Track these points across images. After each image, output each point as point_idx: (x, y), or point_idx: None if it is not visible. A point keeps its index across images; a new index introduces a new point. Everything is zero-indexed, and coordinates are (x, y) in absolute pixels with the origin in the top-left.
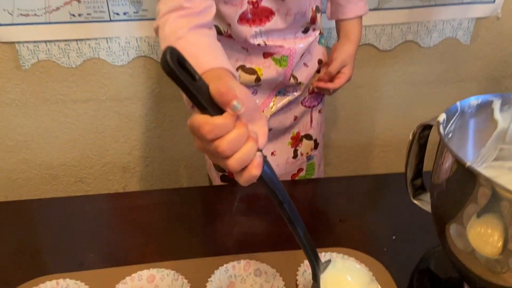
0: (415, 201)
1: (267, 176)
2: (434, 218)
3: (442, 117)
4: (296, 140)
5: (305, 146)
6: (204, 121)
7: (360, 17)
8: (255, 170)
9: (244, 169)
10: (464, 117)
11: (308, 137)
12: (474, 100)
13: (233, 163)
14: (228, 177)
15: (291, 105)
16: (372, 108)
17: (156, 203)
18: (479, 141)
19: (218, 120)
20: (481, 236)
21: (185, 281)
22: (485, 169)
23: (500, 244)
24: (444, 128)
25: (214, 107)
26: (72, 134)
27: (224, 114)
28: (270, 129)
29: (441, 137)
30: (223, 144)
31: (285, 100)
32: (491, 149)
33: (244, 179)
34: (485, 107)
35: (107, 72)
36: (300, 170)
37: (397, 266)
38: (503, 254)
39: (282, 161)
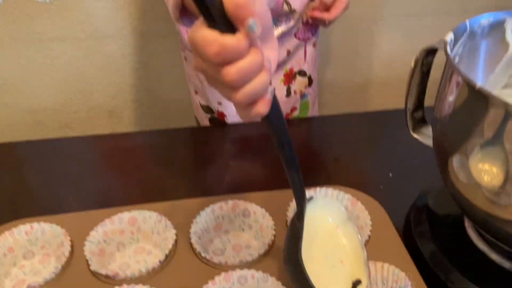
0: (415, 135)
1: (274, 114)
2: (436, 151)
3: (449, 36)
4: (289, 77)
5: (299, 83)
6: (212, 39)
7: None
8: (263, 108)
9: (251, 104)
10: (474, 38)
11: (302, 73)
12: (485, 18)
13: (241, 96)
14: (217, 119)
15: (284, 38)
16: (370, 43)
17: (141, 145)
18: (489, 67)
19: (229, 40)
20: (485, 167)
21: (169, 222)
22: None
23: (503, 175)
24: (451, 51)
25: (225, 21)
26: (53, 76)
27: (237, 35)
28: None
29: (448, 58)
30: (233, 73)
31: (278, 31)
32: (500, 75)
33: (249, 116)
34: (498, 27)
35: (84, 7)
36: (293, 109)
37: (394, 204)
38: (505, 185)
39: None
